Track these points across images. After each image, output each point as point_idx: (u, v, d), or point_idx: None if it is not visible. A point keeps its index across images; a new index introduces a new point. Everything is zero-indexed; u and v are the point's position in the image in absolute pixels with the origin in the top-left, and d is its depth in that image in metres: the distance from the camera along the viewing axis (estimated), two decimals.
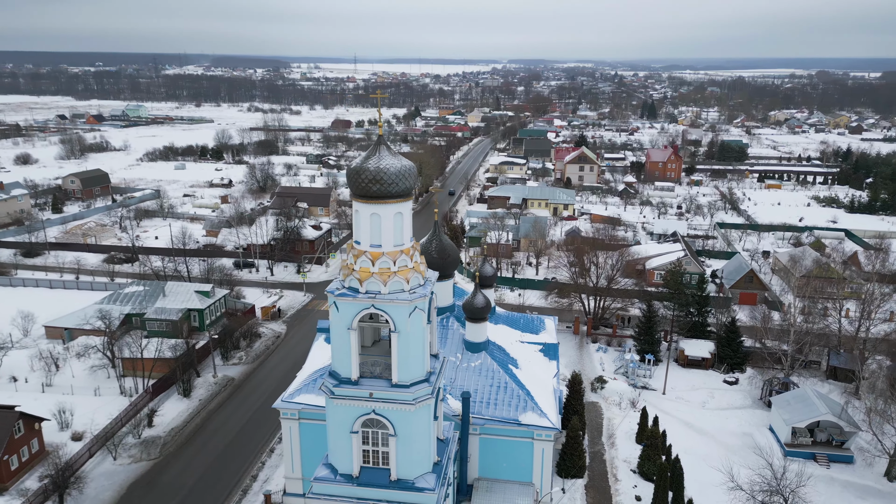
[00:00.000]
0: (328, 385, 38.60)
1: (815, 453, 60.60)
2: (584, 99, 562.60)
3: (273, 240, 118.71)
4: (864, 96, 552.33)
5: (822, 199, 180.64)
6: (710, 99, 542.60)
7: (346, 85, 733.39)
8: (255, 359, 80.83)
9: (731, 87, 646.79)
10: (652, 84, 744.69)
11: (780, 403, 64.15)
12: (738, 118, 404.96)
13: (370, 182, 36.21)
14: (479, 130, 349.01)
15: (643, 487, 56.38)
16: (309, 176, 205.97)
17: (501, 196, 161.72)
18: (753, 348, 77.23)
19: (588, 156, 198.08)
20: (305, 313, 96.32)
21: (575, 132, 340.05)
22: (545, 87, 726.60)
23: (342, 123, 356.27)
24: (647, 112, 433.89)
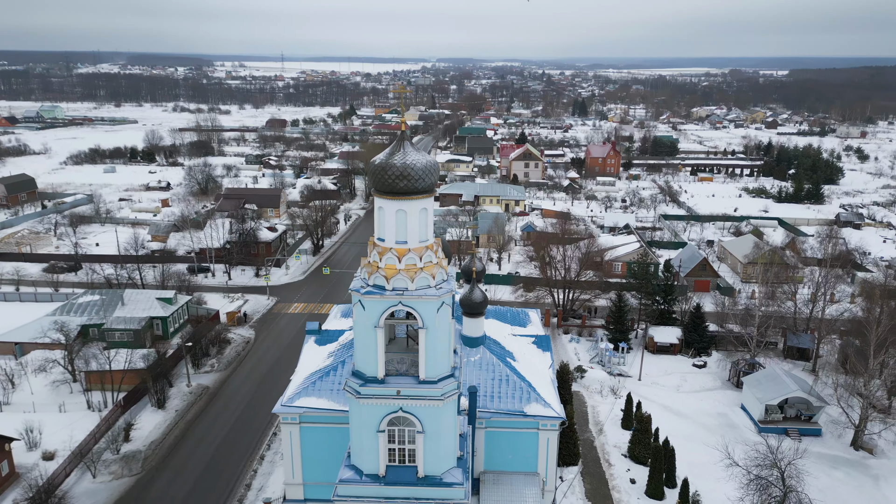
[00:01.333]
0: (353, 385, 38.04)
1: (786, 428, 64.42)
2: (516, 97, 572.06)
3: (228, 243, 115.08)
4: (776, 93, 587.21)
5: (751, 191, 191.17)
6: (635, 97, 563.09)
7: (276, 84, 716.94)
8: (227, 366, 78.26)
9: (654, 86, 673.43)
10: (579, 83, 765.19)
11: (751, 383, 67.77)
12: (664, 115, 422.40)
13: (397, 178, 35.91)
14: (418, 129, 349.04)
15: (636, 470, 58.40)
16: (251, 177, 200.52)
17: (453, 193, 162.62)
18: (718, 332, 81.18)
19: (533, 153, 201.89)
20: (272, 317, 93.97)
21: (512, 130, 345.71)
22: (477, 86, 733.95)
23: (278, 123, 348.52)
24: (578, 110, 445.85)
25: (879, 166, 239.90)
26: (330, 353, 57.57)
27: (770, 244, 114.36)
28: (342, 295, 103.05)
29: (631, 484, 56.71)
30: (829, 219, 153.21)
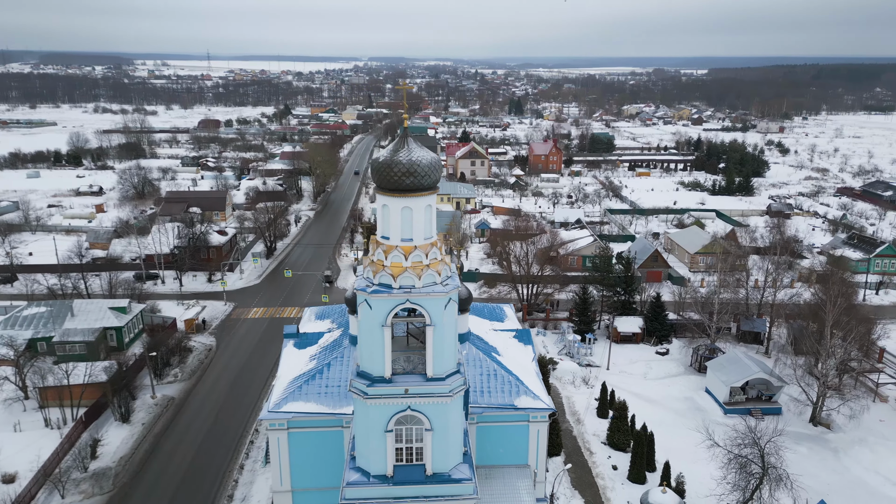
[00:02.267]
0: (359, 387, 37.52)
1: (750, 409, 67.74)
2: (452, 96, 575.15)
3: (176, 248, 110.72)
4: (697, 91, 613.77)
5: (687, 184, 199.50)
6: (567, 95, 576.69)
7: (204, 83, 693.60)
8: (191, 375, 75.39)
9: (584, 84, 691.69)
10: (512, 82, 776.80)
11: (714, 367, 70.88)
12: (597, 112, 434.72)
13: (403, 175, 35.66)
14: (357, 128, 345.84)
15: (616, 457, 60.08)
16: (189, 179, 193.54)
17: None
18: (678, 320, 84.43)
19: (478, 151, 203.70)
20: (231, 323, 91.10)
21: (452, 129, 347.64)
22: (411, 85, 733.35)
23: (211, 123, 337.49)
24: (514, 109, 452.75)
25: (800, 159, 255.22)
26: (311, 356, 56.51)
27: (714, 235, 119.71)
28: (302, 298, 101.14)
29: (613, 470, 58.31)
30: (762, 209, 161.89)
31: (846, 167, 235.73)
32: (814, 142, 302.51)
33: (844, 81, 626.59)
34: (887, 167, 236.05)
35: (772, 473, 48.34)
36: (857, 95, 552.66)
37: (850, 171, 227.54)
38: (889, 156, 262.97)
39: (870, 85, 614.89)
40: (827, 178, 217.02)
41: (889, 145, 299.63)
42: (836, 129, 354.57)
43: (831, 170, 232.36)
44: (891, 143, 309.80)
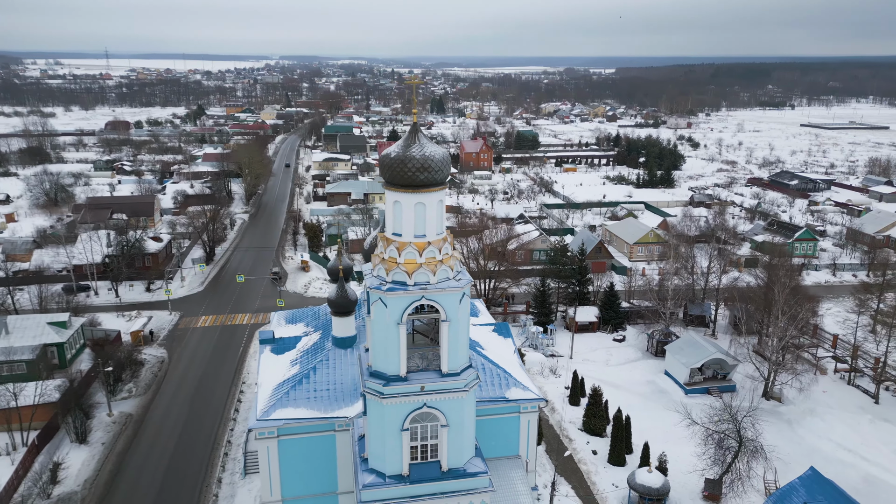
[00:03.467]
0: (374, 387, 36.88)
1: (708, 388, 71.62)
2: (371, 95, 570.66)
3: (108, 257, 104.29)
4: (608, 89, 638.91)
5: (612, 178, 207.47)
6: (486, 94, 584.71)
7: (105, 83, 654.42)
8: (146, 389, 71.36)
9: (501, 83, 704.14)
10: (430, 81, 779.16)
11: (673, 350, 74.39)
12: (517, 111, 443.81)
13: (417, 171, 35.31)
14: (278, 128, 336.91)
15: (594, 442, 62.02)
16: (106, 184, 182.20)
17: (342, 192, 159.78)
18: (632, 308, 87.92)
19: None
20: (180, 333, 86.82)
21: (376, 128, 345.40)
22: (328, 84, 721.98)
23: (120, 125, 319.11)
24: (436, 107, 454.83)
25: (710, 153, 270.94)
26: (292, 360, 55.01)
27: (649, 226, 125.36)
28: (253, 303, 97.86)
29: (594, 455, 60.14)
30: (684, 200, 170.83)
31: (752, 159, 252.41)
32: (720, 136, 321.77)
33: (740, 80, 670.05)
34: (788, 158, 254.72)
35: (748, 446, 51.44)
36: (752, 92, 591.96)
37: (755, 163, 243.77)
38: (787, 148, 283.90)
39: (762, 82, 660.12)
40: (736, 169, 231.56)
41: (786, 138, 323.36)
42: (738, 124, 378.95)
43: (739, 162, 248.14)
44: (787, 136, 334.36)
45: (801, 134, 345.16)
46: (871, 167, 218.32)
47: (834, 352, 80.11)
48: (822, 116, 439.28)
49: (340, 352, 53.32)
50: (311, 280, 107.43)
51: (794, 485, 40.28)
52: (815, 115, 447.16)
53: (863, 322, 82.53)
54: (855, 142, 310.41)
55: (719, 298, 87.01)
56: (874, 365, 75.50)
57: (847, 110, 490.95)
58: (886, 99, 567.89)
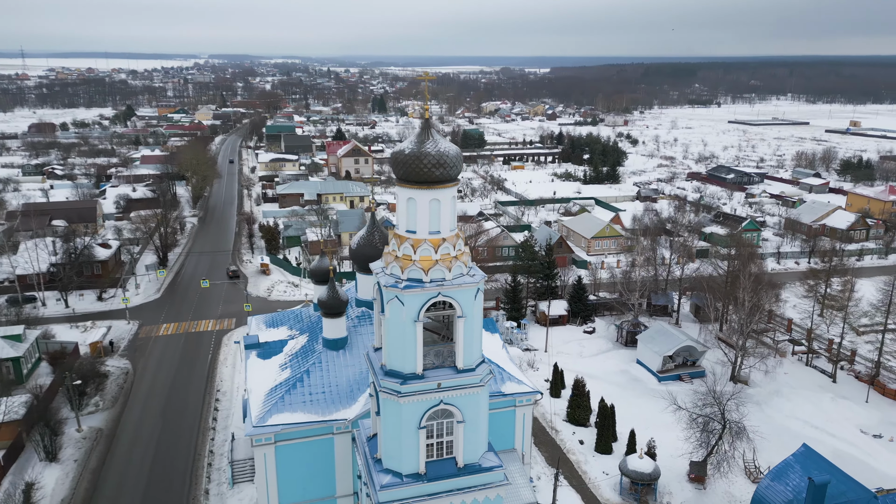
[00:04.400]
0: (391, 386, 36.45)
1: (679, 374, 74.24)
2: (309, 94, 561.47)
3: (55, 266, 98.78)
4: (545, 88, 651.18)
5: (560, 175, 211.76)
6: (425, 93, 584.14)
7: (22, 83, 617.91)
8: (113, 402, 68.06)
9: (440, 82, 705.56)
10: (368, 80, 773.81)
11: (645, 339, 76.72)
12: (459, 110, 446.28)
13: (433, 167, 35.11)
14: (216, 129, 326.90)
15: (580, 432, 63.29)
16: (38, 189, 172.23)
17: (294, 193, 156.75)
18: (600, 300, 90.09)
19: (361, 149, 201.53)
20: (142, 343, 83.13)
21: (318, 127, 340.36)
22: (263, 83, 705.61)
23: (46, 127, 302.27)
24: (377, 106, 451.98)
25: (649, 149, 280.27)
26: (281, 365, 53.89)
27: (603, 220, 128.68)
28: (216, 308, 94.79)
29: (580, 445, 61.38)
30: (632, 195, 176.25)
31: (688, 155, 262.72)
32: (656, 133, 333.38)
33: (668, 79, 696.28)
34: (721, 153, 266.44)
35: (732, 427, 53.73)
36: (681, 91, 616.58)
37: (692, 158, 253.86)
38: (720, 143, 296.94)
39: (689, 81, 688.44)
40: (675, 164, 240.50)
41: (717, 134, 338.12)
42: (672, 122, 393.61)
43: (677, 157, 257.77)
44: (717, 132, 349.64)
45: (730, 130, 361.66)
46: (798, 160, 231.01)
47: (790, 335, 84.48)
48: (746, 113, 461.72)
49: (332, 353, 52.54)
50: (274, 283, 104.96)
51: (789, 461, 42.41)
52: (741, 112, 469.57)
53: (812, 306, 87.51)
54: (780, 137, 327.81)
55: (682, 288, 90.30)
56: (828, 346, 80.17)
57: (769, 107, 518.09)
58: (803, 96, 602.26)
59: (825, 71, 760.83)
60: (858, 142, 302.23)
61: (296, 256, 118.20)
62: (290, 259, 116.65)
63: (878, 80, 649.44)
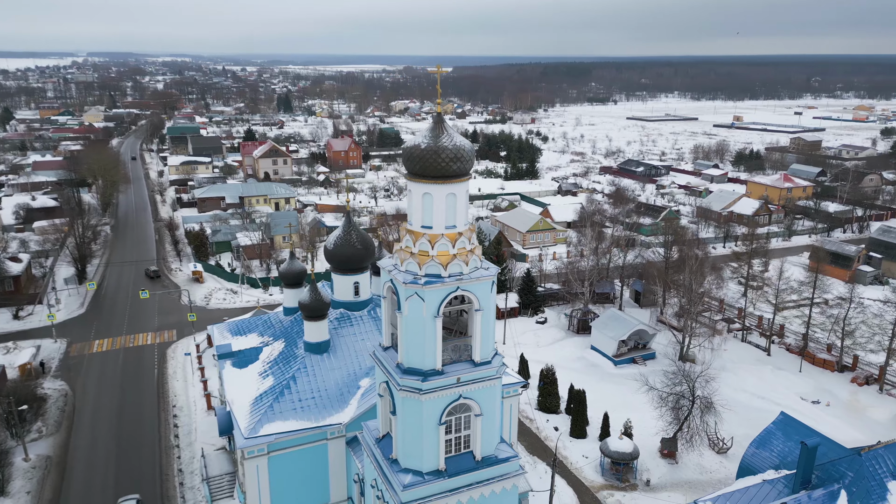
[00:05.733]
0: (412, 384, 35.99)
1: (633, 357, 77.78)
2: (207, 94, 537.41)
3: None
4: (450, 87, 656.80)
5: (481, 172, 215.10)
6: (331, 92, 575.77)
7: None
8: (57, 427, 62.58)
9: (345, 81, 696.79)
10: (269, 79, 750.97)
11: (599, 326, 79.74)
12: (369, 108, 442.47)
13: (450, 161, 34.98)
14: (110, 131, 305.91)
15: (553, 419, 64.98)
16: None
17: (214, 197, 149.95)
18: (549, 291, 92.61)
19: (279, 149, 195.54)
20: (75, 361, 76.82)
21: (222, 128, 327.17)
22: (153, 83, 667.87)
23: None
24: (283, 106, 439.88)
25: (559, 145, 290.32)
26: (261, 373, 51.86)
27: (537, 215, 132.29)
28: (151, 321, 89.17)
29: (556, 431, 63.02)
30: (553, 190, 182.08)
31: (596, 150, 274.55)
32: (563, 130, 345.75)
33: (566, 78, 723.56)
34: (625, 147, 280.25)
35: (701, 403, 57.09)
36: (579, 89, 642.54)
37: (600, 153, 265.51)
38: (623, 138, 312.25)
39: (585, 80, 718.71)
40: (586, 159, 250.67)
41: (618, 130, 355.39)
42: (576, 119, 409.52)
43: (586, 153, 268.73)
44: (618, 128, 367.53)
45: (630, 126, 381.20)
46: (696, 153, 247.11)
47: (723, 315, 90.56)
48: (641, 110, 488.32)
49: (316, 357, 51.07)
50: (211, 291, 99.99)
51: (770, 429, 45.67)
52: (636, 109, 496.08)
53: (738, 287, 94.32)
54: (675, 132, 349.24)
55: (623, 276, 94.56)
56: (758, 324, 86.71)
57: (660, 104, 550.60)
58: (689, 93, 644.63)
59: (705, 70, 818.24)
60: (744, 135, 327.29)
61: (228, 262, 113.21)
62: (224, 265, 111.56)
63: (753, 78, 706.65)
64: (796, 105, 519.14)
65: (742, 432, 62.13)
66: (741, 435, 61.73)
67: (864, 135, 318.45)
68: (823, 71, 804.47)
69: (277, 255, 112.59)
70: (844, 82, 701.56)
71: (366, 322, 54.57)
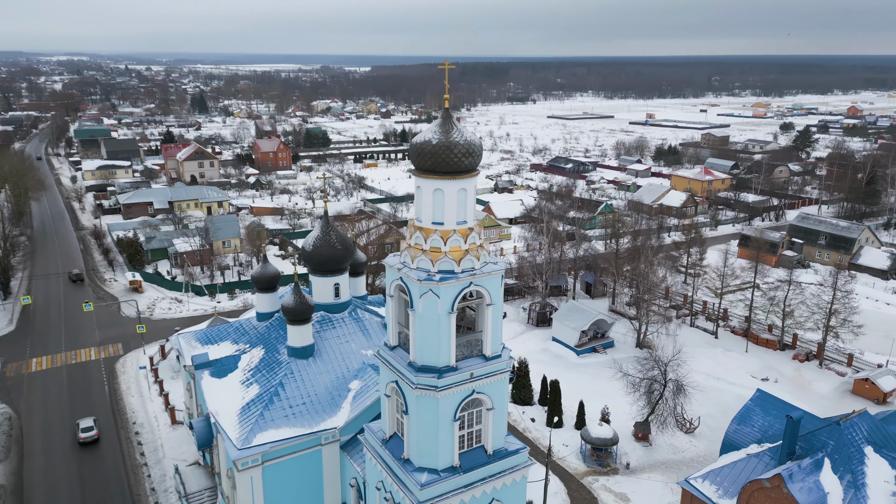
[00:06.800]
0: (427, 382, 35.69)
1: (594, 346, 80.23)
2: (112, 95, 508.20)
3: None
4: (370, 87, 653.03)
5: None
6: (247, 92, 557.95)
7: None
8: (7, 453, 57.65)
9: (261, 81, 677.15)
10: (178, 79, 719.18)
11: (560, 318, 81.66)
12: (290, 108, 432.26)
13: (463, 156, 34.92)
14: (10, 135, 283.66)
15: (529, 411, 66.05)
16: None
17: (142, 202, 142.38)
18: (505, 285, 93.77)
19: (205, 151, 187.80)
20: (13, 382, 70.95)
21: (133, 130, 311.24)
22: (50, 83, 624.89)
23: None
24: (198, 106, 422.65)
25: (487, 144, 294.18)
26: (243, 381, 50.00)
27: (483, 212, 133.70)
28: (91, 335, 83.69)
29: (532, 422, 64.12)
30: (490, 187, 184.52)
31: (524, 148, 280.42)
32: (489, 129, 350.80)
33: (485, 77, 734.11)
34: (551, 145, 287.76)
35: (672, 385, 59.71)
36: (498, 89, 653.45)
37: (528, 151, 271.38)
38: (547, 137, 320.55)
39: (504, 80, 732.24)
40: (515, 157, 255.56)
41: (541, 129, 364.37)
42: (500, 118, 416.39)
43: (515, 150, 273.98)
44: (541, 126, 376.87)
45: (551, 125, 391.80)
46: (618, 150, 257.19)
47: (669, 302, 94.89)
48: (559, 109, 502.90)
49: (302, 362, 49.65)
50: (154, 300, 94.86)
51: (749, 406, 48.39)
52: (555, 108, 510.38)
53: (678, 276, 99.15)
54: (594, 129, 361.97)
55: (576, 269, 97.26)
56: (702, 309, 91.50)
57: (577, 103, 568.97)
58: (602, 92, 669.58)
59: (616, 70, 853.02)
60: (658, 131, 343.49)
61: (167, 270, 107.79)
62: (162, 273, 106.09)
63: (659, 78, 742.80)
64: (701, 103, 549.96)
65: (705, 412, 65.57)
66: (704, 415, 65.12)
67: (765, 130, 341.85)
68: (722, 71, 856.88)
69: (220, 261, 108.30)
70: (741, 81, 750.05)
71: (348, 324, 53.53)
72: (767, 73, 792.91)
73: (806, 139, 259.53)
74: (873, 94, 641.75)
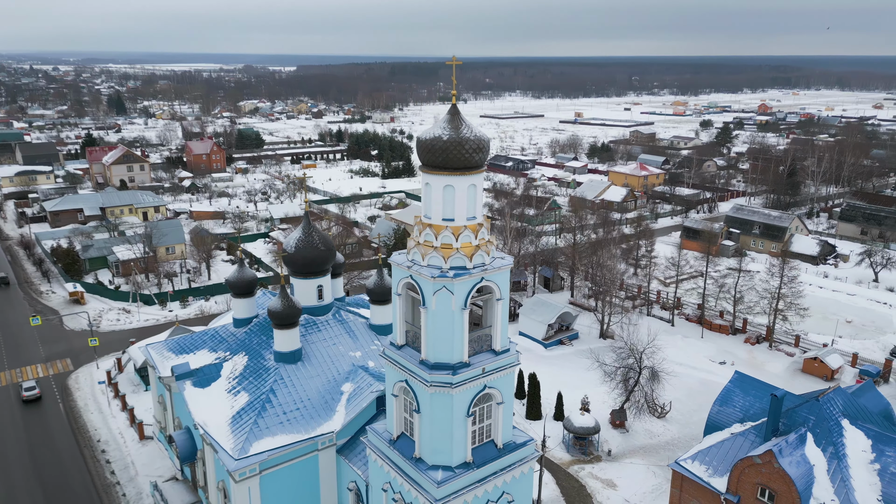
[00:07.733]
0: (442, 379, 35.52)
1: (560, 339, 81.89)
2: (20, 97, 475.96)
3: None
4: (298, 87, 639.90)
5: (358, 171, 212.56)
6: (168, 92, 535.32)
7: None
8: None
9: (181, 81, 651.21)
10: (90, 79, 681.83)
11: (526, 312, 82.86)
12: (216, 109, 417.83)
13: (473, 151, 34.92)
14: None
15: None
16: None
17: (71, 209, 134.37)
18: None
19: (134, 155, 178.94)
20: None
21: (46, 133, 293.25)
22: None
23: None
24: (116, 108, 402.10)
25: None
26: (229, 390, 48.35)
27: None
28: (34, 351, 78.33)
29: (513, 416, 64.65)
30: None
31: None
32: (423, 128, 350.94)
33: (414, 77, 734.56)
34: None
35: (647, 372, 61.80)
36: (428, 88, 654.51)
37: None
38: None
39: (433, 80, 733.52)
40: None
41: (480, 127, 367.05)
42: (434, 117, 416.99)
43: None
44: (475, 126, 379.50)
45: (485, 124, 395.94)
46: (553, 147, 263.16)
47: (626, 293, 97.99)
48: (490, 108, 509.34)
49: (291, 367, 48.39)
50: (100, 312, 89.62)
51: (729, 388, 50.62)
52: (486, 108, 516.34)
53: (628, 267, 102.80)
54: (527, 128, 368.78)
55: (534, 264, 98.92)
56: (657, 299, 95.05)
57: (507, 102, 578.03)
58: (530, 92, 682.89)
59: (541, 70, 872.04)
60: (588, 129, 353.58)
61: (109, 279, 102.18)
62: (104, 283, 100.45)
63: (583, 78, 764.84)
64: (624, 102, 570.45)
65: (674, 396, 68.18)
66: (673, 399, 67.72)
67: (686, 127, 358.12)
68: (641, 71, 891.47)
69: (166, 269, 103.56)
70: (660, 81, 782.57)
71: (333, 326, 52.50)
72: (682, 73, 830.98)
73: (727, 135, 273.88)
74: (780, 93, 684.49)
